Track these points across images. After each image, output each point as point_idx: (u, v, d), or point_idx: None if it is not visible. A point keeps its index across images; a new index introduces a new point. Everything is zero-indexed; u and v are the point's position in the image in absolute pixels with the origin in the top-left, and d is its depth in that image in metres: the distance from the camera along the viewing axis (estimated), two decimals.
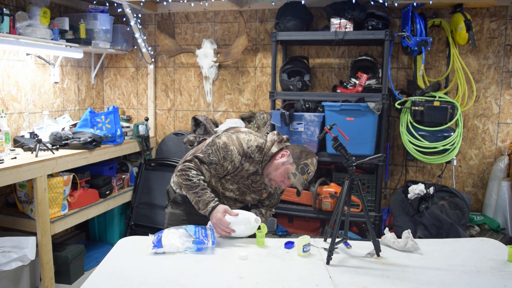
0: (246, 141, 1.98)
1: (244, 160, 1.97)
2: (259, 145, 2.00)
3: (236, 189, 2.07)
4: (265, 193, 2.16)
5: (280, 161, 1.96)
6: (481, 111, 3.36)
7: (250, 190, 2.09)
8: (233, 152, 1.95)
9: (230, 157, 1.95)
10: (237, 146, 1.96)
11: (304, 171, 1.94)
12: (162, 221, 3.62)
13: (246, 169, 2.01)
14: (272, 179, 1.99)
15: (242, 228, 1.91)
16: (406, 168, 3.54)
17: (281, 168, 1.95)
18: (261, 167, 2.02)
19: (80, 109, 3.92)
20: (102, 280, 1.60)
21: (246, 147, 1.97)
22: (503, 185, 3.12)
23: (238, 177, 2.03)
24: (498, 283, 1.61)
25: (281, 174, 1.96)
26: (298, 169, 1.93)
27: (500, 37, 3.25)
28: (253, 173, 2.03)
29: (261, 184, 2.09)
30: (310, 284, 1.57)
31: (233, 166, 1.98)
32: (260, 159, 2.00)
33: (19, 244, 2.68)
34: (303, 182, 1.95)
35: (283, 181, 1.98)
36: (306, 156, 1.95)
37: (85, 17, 3.43)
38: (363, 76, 3.19)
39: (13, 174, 2.49)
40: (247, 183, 2.06)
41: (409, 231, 1.95)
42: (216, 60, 3.71)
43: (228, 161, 1.96)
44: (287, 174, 1.94)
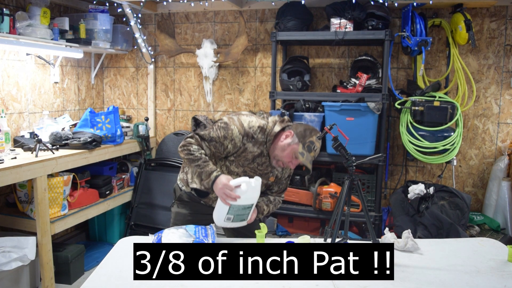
0: (248, 121, 1.99)
1: (246, 140, 1.97)
2: (261, 126, 1.99)
3: (242, 172, 2.05)
4: (272, 177, 2.14)
5: (285, 142, 1.96)
6: (481, 111, 3.36)
7: (256, 173, 2.07)
8: (234, 131, 1.95)
9: (230, 136, 1.95)
10: (238, 126, 1.96)
11: (311, 148, 1.95)
12: (162, 221, 3.62)
13: (250, 150, 2.00)
14: (280, 160, 2.00)
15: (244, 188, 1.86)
16: (406, 168, 3.54)
17: (288, 149, 1.96)
18: (265, 148, 2.02)
19: (80, 109, 3.92)
20: (102, 280, 1.60)
21: (248, 127, 1.97)
22: (503, 185, 3.12)
23: (242, 159, 2.02)
24: (498, 283, 1.61)
25: (288, 155, 1.97)
26: (304, 147, 1.94)
27: (500, 37, 3.25)
28: (258, 155, 2.02)
29: (267, 167, 2.08)
30: (310, 284, 1.57)
31: (233, 146, 1.97)
32: (263, 139, 2.00)
33: (19, 244, 2.68)
34: (311, 159, 1.97)
35: (291, 162, 1.99)
36: (311, 134, 1.97)
37: (85, 17, 3.43)
38: (363, 76, 3.19)
39: (13, 174, 2.49)
40: (252, 166, 2.05)
41: (409, 231, 1.95)
42: (216, 60, 3.71)
43: (228, 140, 1.96)
44: (294, 154, 1.95)
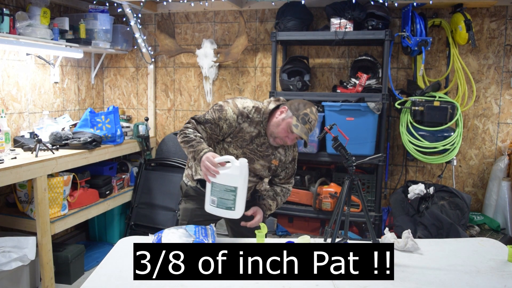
0: (242, 103, 2.01)
1: (241, 119, 1.98)
2: (255, 106, 2.01)
3: (242, 154, 2.04)
4: (274, 160, 2.11)
5: (280, 118, 1.97)
6: (481, 111, 3.36)
7: (257, 155, 2.06)
8: (228, 112, 1.97)
9: (224, 116, 1.96)
10: (232, 107, 1.98)
11: (305, 120, 1.93)
12: (162, 221, 3.63)
13: (247, 131, 2.00)
14: (276, 137, 2.00)
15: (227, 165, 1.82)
16: (406, 168, 3.54)
17: (282, 123, 1.96)
18: (262, 127, 2.02)
19: (80, 109, 3.92)
20: (102, 280, 1.60)
21: (242, 107, 1.99)
22: (503, 185, 3.12)
23: (240, 140, 2.01)
24: (498, 283, 1.61)
25: (283, 130, 1.96)
26: (299, 120, 1.93)
27: (500, 37, 3.25)
28: (256, 135, 2.02)
29: (267, 148, 2.07)
30: (310, 284, 1.57)
31: (229, 126, 1.98)
32: (260, 119, 2.01)
33: (19, 244, 2.68)
34: (307, 131, 1.94)
35: (287, 136, 1.98)
36: (305, 106, 1.96)
37: (85, 17, 3.43)
38: (363, 76, 3.19)
39: (13, 174, 2.49)
40: (252, 147, 2.04)
41: (409, 231, 1.95)
42: (216, 60, 3.71)
43: (223, 120, 1.96)
44: (289, 128, 1.94)
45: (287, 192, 2.28)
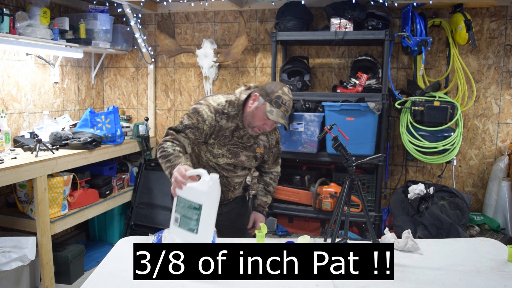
0: (215, 99, 1.97)
1: (218, 117, 1.95)
2: (228, 100, 1.98)
3: (227, 151, 2.01)
4: (259, 148, 2.09)
5: (253, 106, 1.93)
6: (481, 111, 3.36)
7: (240, 148, 2.03)
8: (204, 112, 1.92)
9: (202, 118, 1.92)
10: (206, 106, 1.94)
11: (279, 103, 1.87)
12: (162, 221, 3.62)
13: (226, 126, 1.97)
14: (254, 126, 1.95)
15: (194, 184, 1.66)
16: (406, 168, 3.54)
17: (257, 112, 1.91)
18: (239, 120, 1.98)
19: (80, 109, 3.92)
20: (102, 280, 1.60)
21: (216, 104, 1.95)
22: (503, 185, 3.12)
23: (221, 137, 1.99)
24: (498, 283, 1.61)
25: (259, 118, 1.91)
26: (272, 105, 1.87)
27: (500, 37, 3.25)
28: (234, 129, 1.99)
29: (248, 139, 2.04)
30: (310, 284, 1.57)
31: (209, 126, 1.94)
32: (235, 112, 1.98)
33: (19, 244, 2.68)
34: (283, 114, 1.89)
35: (265, 124, 1.93)
36: (276, 88, 1.90)
37: (85, 17, 3.43)
38: (363, 76, 3.19)
39: (13, 174, 2.49)
40: (233, 141, 2.01)
41: (409, 231, 1.95)
42: (216, 60, 3.71)
43: (202, 122, 1.92)
44: (264, 115, 1.89)
45: (277, 176, 2.27)
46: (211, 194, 1.64)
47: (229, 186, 2.12)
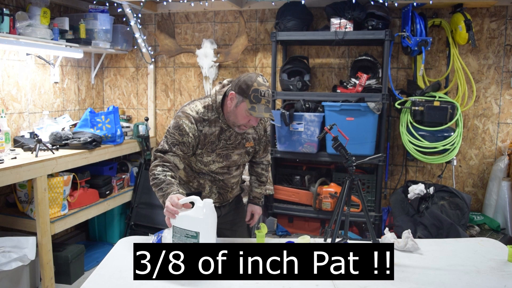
0: (192, 108, 1.90)
1: (200, 125, 1.88)
2: (205, 105, 1.91)
3: (216, 156, 1.96)
4: (248, 142, 2.03)
5: (232, 105, 1.84)
6: (481, 111, 3.36)
7: (229, 149, 1.98)
8: (185, 125, 1.86)
9: (185, 131, 1.85)
10: (185, 119, 1.87)
11: (258, 97, 1.78)
12: (162, 221, 3.61)
13: (210, 133, 1.90)
14: (240, 124, 1.88)
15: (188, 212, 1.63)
16: (406, 168, 3.54)
17: (238, 110, 1.83)
18: (222, 122, 1.91)
19: (80, 109, 3.92)
20: (102, 280, 1.60)
21: (195, 113, 1.88)
22: (503, 185, 3.12)
23: (208, 145, 1.93)
24: (498, 283, 1.61)
25: (242, 116, 1.84)
26: (252, 100, 1.79)
27: (500, 37, 3.25)
28: (219, 132, 1.92)
29: (236, 137, 1.97)
30: (310, 284, 1.57)
31: (194, 137, 1.87)
32: (215, 115, 1.91)
33: (19, 244, 2.68)
34: (266, 107, 1.80)
35: (250, 120, 1.85)
36: (250, 82, 1.79)
37: (85, 17, 3.42)
38: (363, 76, 3.19)
39: (13, 174, 2.49)
40: (222, 145, 1.95)
41: (409, 231, 1.95)
42: (216, 60, 3.71)
43: (186, 136, 1.86)
44: (246, 112, 1.81)
45: (268, 165, 2.24)
46: (207, 220, 1.62)
47: (226, 188, 2.09)
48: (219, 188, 2.06)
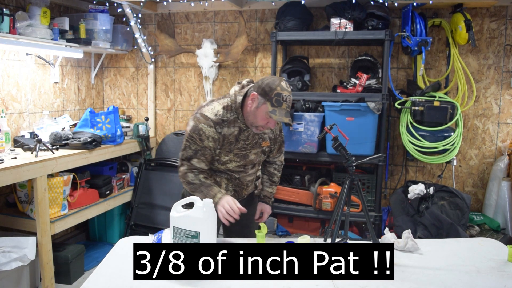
0: (211, 110, 1.92)
1: (219, 128, 1.91)
2: (225, 106, 1.93)
3: (234, 155, 1.99)
4: (264, 142, 2.07)
5: (253, 107, 1.87)
6: (481, 111, 3.36)
7: (247, 149, 2.01)
8: (204, 129, 1.89)
9: (204, 135, 1.89)
10: (204, 121, 1.89)
11: (280, 101, 1.82)
12: (162, 221, 3.62)
13: (229, 133, 1.93)
14: (258, 125, 1.92)
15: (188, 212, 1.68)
16: (406, 168, 3.54)
17: (258, 112, 1.86)
18: (241, 122, 1.94)
19: (80, 109, 3.92)
20: (102, 280, 1.60)
21: (213, 115, 1.91)
22: (503, 185, 3.12)
23: (226, 145, 1.96)
24: (498, 283, 1.61)
25: (261, 118, 1.87)
26: (273, 104, 1.82)
27: (500, 37, 3.25)
28: (238, 133, 1.95)
29: (253, 137, 2.01)
30: (310, 284, 1.57)
31: (214, 140, 1.91)
32: (235, 116, 1.93)
33: (19, 244, 2.68)
34: (286, 112, 1.84)
35: (268, 122, 1.89)
36: (273, 85, 1.83)
37: (85, 17, 3.43)
38: (363, 76, 3.19)
39: (13, 174, 2.49)
40: (240, 145, 1.98)
41: (409, 231, 1.95)
42: (216, 60, 3.71)
43: (206, 140, 1.90)
44: (266, 114, 1.85)
45: (281, 165, 2.29)
46: (207, 220, 1.63)
47: (242, 185, 2.14)
48: (235, 186, 2.12)
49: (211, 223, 1.66)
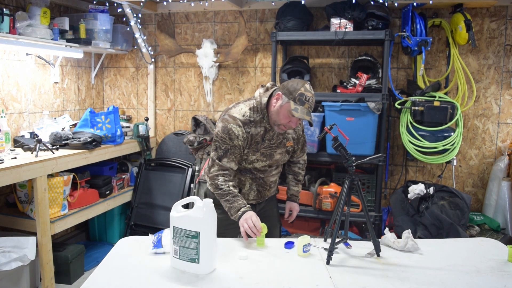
0: (238, 111, 2.02)
1: (247, 128, 2.01)
2: (251, 107, 2.03)
3: (260, 155, 2.08)
4: (288, 142, 2.15)
5: (277, 105, 1.97)
6: (481, 111, 3.36)
7: (273, 149, 2.10)
8: (233, 129, 1.98)
9: (234, 134, 1.98)
10: (233, 122, 1.99)
11: (303, 101, 1.92)
12: (162, 221, 3.63)
13: (256, 133, 2.03)
14: (280, 124, 2.00)
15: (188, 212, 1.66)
16: (406, 168, 3.54)
17: (281, 110, 1.96)
18: (266, 122, 2.04)
19: (80, 109, 3.92)
20: (102, 280, 1.60)
21: (241, 116, 2.00)
22: (503, 185, 3.12)
23: (253, 144, 2.04)
24: (498, 283, 1.61)
25: (284, 116, 1.96)
26: (296, 102, 1.92)
27: (500, 37, 3.25)
28: (264, 133, 2.05)
29: (277, 136, 2.10)
30: (310, 284, 1.57)
31: (243, 140, 2.00)
32: (260, 116, 2.03)
33: (19, 244, 2.68)
34: (308, 111, 1.94)
35: (290, 121, 1.98)
36: (297, 86, 1.93)
37: (85, 17, 3.43)
38: (363, 76, 3.19)
39: (13, 174, 2.49)
40: (266, 145, 2.07)
41: (409, 231, 1.95)
42: (216, 60, 3.71)
43: (235, 139, 1.98)
44: (289, 113, 1.94)
45: (304, 164, 2.40)
46: (207, 220, 1.63)
47: (265, 186, 2.20)
48: (258, 186, 2.18)
49: (211, 223, 1.65)
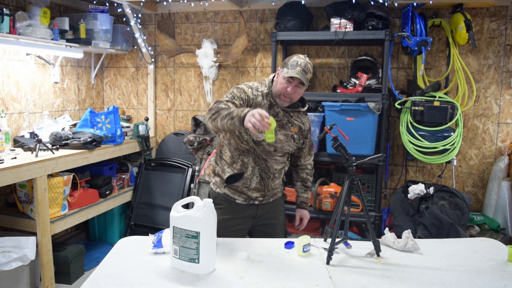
0: (247, 83, 2.18)
1: (254, 91, 2.13)
2: (259, 82, 2.20)
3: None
4: (292, 127, 2.20)
5: (276, 77, 2.13)
6: (481, 111, 3.36)
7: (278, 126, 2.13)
8: (244, 86, 2.13)
9: (243, 90, 2.11)
10: (244, 85, 2.15)
11: (295, 65, 2.03)
12: (162, 221, 3.63)
13: (262, 104, 2.12)
14: (280, 93, 2.10)
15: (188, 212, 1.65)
16: (406, 168, 3.54)
17: (279, 79, 2.09)
18: (271, 97, 2.14)
19: (80, 109, 3.92)
20: (102, 280, 1.60)
21: (251, 84, 2.17)
22: (503, 185, 3.12)
23: None
24: (498, 283, 1.61)
25: (281, 84, 2.08)
26: (288, 68, 2.04)
27: (500, 37, 3.25)
28: (269, 106, 2.13)
29: (283, 116, 2.16)
30: (310, 284, 1.57)
31: (249, 96, 2.11)
32: (267, 90, 2.15)
33: (19, 244, 2.68)
34: (298, 72, 2.02)
35: (287, 87, 2.06)
36: (292, 57, 2.08)
37: (85, 17, 3.43)
38: (363, 76, 3.19)
39: (13, 174, 2.49)
40: None
41: (409, 231, 1.95)
42: (216, 60, 3.71)
43: (243, 93, 2.10)
44: (284, 79, 2.06)
45: (312, 170, 2.41)
46: (207, 220, 1.63)
47: (269, 172, 2.17)
48: (261, 171, 2.16)
49: (211, 223, 1.65)
